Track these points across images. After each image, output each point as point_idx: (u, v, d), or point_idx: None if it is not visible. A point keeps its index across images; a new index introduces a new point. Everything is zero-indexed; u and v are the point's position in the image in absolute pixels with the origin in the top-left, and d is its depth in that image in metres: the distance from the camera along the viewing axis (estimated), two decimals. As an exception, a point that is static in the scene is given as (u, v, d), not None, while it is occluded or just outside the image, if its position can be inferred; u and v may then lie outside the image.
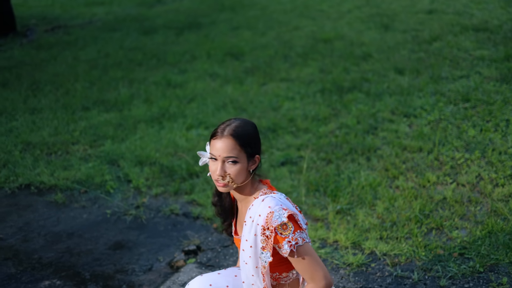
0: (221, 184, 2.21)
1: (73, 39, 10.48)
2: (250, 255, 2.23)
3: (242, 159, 2.20)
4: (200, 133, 5.56)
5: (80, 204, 4.47)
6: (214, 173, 2.21)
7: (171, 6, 13.47)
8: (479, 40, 7.93)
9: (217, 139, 2.19)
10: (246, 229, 2.24)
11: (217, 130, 2.22)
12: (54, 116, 6.30)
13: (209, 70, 7.76)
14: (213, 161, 2.20)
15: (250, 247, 2.21)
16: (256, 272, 2.26)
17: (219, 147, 2.18)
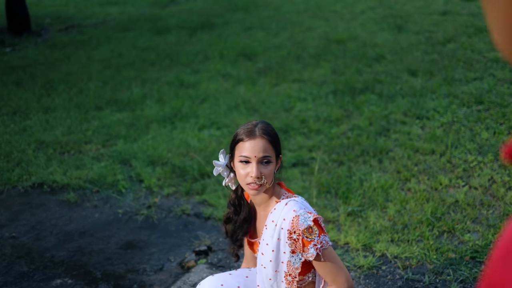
0: (256, 187, 2.16)
1: (86, 39, 10.54)
2: (270, 259, 2.23)
3: (273, 159, 2.20)
4: (212, 133, 5.57)
5: (92, 203, 4.49)
6: (247, 177, 2.15)
7: (185, 6, 13.51)
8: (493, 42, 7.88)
9: (250, 140, 2.15)
10: (267, 233, 2.23)
11: (247, 132, 2.17)
12: (67, 115, 6.34)
13: (222, 70, 7.77)
14: (244, 164, 2.15)
15: (272, 251, 2.21)
16: (274, 276, 2.26)
17: (254, 147, 2.14)
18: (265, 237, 2.24)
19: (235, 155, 2.19)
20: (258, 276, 2.33)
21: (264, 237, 2.24)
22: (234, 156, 2.20)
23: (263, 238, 2.25)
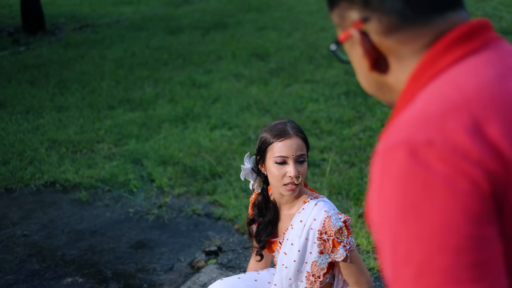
0: (293, 187, 2.15)
1: (100, 38, 10.59)
2: (295, 259, 2.22)
3: (307, 157, 2.19)
4: (223, 133, 5.57)
5: (104, 202, 4.51)
6: (284, 177, 2.14)
7: (198, 6, 13.54)
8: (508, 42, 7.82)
9: (286, 139, 2.13)
10: (293, 233, 2.22)
11: (280, 132, 2.15)
12: (80, 114, 6.37)
13: (234, 70, 7.78)
14: (280, 165, 2.13)
15: (298, 251, 2.20)
16: (295, 276, 2.25)
17: (291, 147, 2.12)
18: (290, 237, 2.22)
19: (268, 157, 2.16)
20: (277, 276, 2.32)
21: (289, 236, 2.23)
22: (266, 158, 2.18)
23: (287, 238, 2.24)
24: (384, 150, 0.83)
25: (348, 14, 0.96)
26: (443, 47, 0.90)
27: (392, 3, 0.90)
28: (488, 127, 0.78)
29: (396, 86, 0.97)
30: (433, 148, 0.78)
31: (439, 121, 0.80)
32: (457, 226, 0.75)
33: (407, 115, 0.85)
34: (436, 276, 0.76)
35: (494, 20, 9.22)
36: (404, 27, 0.92)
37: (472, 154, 0.77)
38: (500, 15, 9.56)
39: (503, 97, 0.83)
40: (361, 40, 0.95)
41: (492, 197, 0.76)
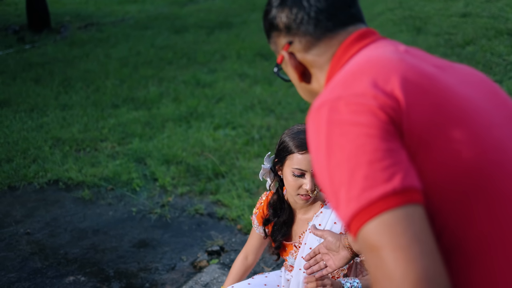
0: (307, 198, 2.17)
1: (105, 37, 10.60)
2: None
3: None
4: (227, 133, 5.56)
5: (107, 201, 4.51)
6: (299, 188, 2.15)
7: (203, 5, 13.54)
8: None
9: (308, 153, 2.12)
10: (311, 237, 2.22)
11: (302, 144, 2.14)
12: (84, 113, 6.37)
13: (239, 70, 7.77)
14: (297, 177, 2.14)
15: None
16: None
17: (311, 161, 2.08)
18: (309, 241, 2.22)
19: (286, 165, 2.17)
20: (293, 281, 2.30)
21: (307, 241, 2.23)
22: (284, 165, 2.18)
23: (305, 242, 2.23)
24: (312, 112, 1.07)
25: (279, 40, 1.29)
26: (343, 49, 1.21)
27: (305, 27, 1.23)
28: (378, 79, 1.03)
29: (319, 91, 1.28)
30: (341, 99, 1.02)
31: (344, 82, 1.06)
32: (365, 146, 0.96)
33: (325, 88, 1.12)
34: (359, 186, 0.95)
35: (500, 22, 9.18)
36: (318, 44, 1.23)
37: (369, 94, 1.00)
38: (506, 16, 9.51)
39: (386, 60, 1.08)
40: (290, 58, 1.27)
41: (391, 123, 0.99)
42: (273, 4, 1.28)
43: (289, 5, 1.24)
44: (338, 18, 1.23)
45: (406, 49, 1.17)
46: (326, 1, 1.22)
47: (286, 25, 1.25)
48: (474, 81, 1.17)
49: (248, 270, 2.58)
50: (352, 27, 1.24)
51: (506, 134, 1.09)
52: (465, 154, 1.01)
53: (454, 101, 1.05)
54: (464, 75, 1.16)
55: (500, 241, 1.02)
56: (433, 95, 1.03)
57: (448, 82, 1.08)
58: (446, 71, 1.13)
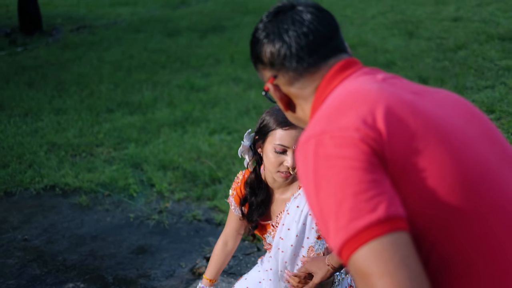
0: (287, 175, 2.13)
1: (98, 40, 10.59)
2: (292, 243, 2.23)
3: None
4: (223, 138, 5.59)
5: (104, 207, 4.52)
6: (280, 165, 2.11)
7: (195, 8, 13.54)
8: (505, 49, 7.87)
9: (291, 129, 2.08)
10: (289, 218, 2.22)
11: (284, 120, 2.08)
12: (78, 117, 6.37)
13: (233, 74, 7.80)
14: (279, 154, 2.09)
15: (296, 236, 2.21)
16: (291, 260, 2.27)
17: (294, 137, 2.08)
18: (287, 222, 2.23)
19: (268, 141, 2.12)
20: (272, 260, 2.32)
21: (285, 222, 2.23)
22: (265, 142, 2.14)
23: (283, 223, 2.24)
24: (300, 145, 1.14)
25: (264, 72, 1.35)
26: (326, 81, 1.27)
27: (288, 63, 1.28)
28: (360, 111, 1.09)
29: (304, 118, 1.35)
30: (326, 133, 1.08)
31: (327, 117, 1.12)
32: (350, 178, 1.02)
33: (311, 122, 1.18)
34: (346, 217, 1.00)
35: (491, 26, 9.26)
36: (301, 78, 1.29)
37: (351, 128, 1.06)
38: (497, 21, 9.60)
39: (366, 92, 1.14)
40: (274, 90, 1.34)
41: (374, 154, 1.04)
42: (259, 36, 1.33)
43: (272, 39, 1.29)
44: (319, 53, 1.28)
45: (384, 77, 1.24)
46: (306, 38, 1.27)
47: (270, 60, 1.30)
48: (450, 103, 1.22)
49: (229, 256, 2.55)
50: (334, 59, 1.29)
51: (483, 151, 1.15)
52: (444, 178, 1.07)
53: (432, 126, 1.11)
54: (440, 98, 1.22)
55: (485, 258, 1.08)
56: (413, 123, 1.09)
57: (426, 107, 1.14)
58: (423, 97, 1.19)
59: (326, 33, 1.29)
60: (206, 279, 2.54)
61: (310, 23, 1.28)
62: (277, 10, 1.33)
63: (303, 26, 1.27)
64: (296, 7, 1.31)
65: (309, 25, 1.28)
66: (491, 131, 1.22)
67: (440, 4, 11.60)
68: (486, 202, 1.10)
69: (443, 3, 11.64)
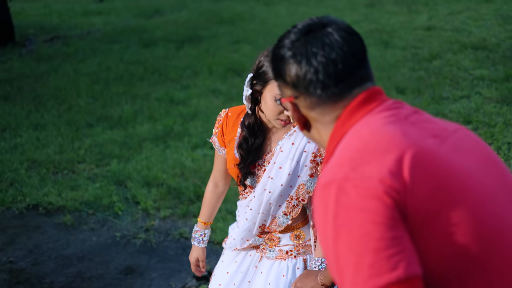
0: (287, 123, 2.10)
1: (72, 51, 10.49)
2: (282, 183, 2.19)
3: None
4: (205, 153, 5.60)
5: (89, 226, 4.49)
6: (280, 114, 2.07)
7: (170, 17, 13.51)
8: (478, 59, 8.03)
9: None
10: (282, 156, 2.19)
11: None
12: (58, 132, 6.32)
13: (211, 86, 7.81)
14: (278, 103, 2.03)
15: (288, 174, 2.18)
16: (276, 201, 2.23)
17: None
18: (279, 160, 2.19)
19: (267, 89, 2.08)
20: (255, 202, 2.26)
21: (277, 160, 2.20)
22: (265, 89, 2.09)
23: (274, 162, 2.20)
24: (319, 189, 1.13)
25: (284, 89, 1.31)
26: (348, 112, 1.24)
27: (312, 89, 1.24)
28: (385, 159, 1.09)
29: (319, 140, 1.34)
30: (348, 180, 1.08)
31: (350, 162, 1.11)
32: (371, 233, 1.03)
33: (331, 162, 1.17)
34: (366, 272, 1.02)
35: (464, 35, 9.45)
36: (322, 105, 1.26)
37: (376, 178, 1.06)
38: (469, 30, 9.79)
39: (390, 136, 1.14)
40: (293, 110, 1.31)
41: (396, 208, 1.05)
42: (284, 54, 1.28)
43: (299, 60, 1.24)
44: (346, 82, 1.24)
45: (407, 115, 1.23)
46: (335, 66, 1.22)
47: (294, 81, 1.26)
48: (469, 147, 1.23)
49: (221, 197, 2.54)
50: (359, 88, 1.25)
51: (499, 204, 1.17)
52: (463, 234, 1.09)
53: (453, 180, 1.12)
54: (459, 140, 1.23)
55: None
56: (436, 176, 1.10)
57: (447, 156, 1.16)
58: (444, 141, 1.19)
59: (355, 61, 1.24)
60: (201, 222, 2.54)
61: (340, 49, 1.23)
62: (307, 29, 1.26)
63: (332, 51, 1.22)
64: (327, 28, 1.25)
65: (339, 51, 1.22)
66: (505, 177, 1.24)
67: (413, 13, 11.79)
68: (503, 259, 1.13)
69: (415, 12, 11.84)
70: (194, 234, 2.57)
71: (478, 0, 12.38)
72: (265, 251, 2.38)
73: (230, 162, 2.30)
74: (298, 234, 2.36)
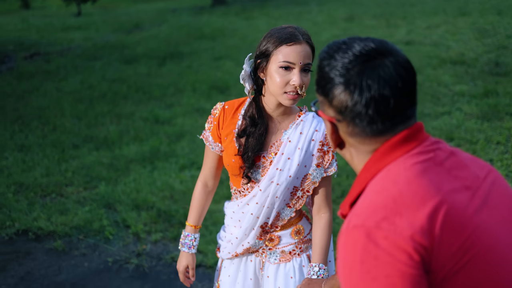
0: (295, 96, 2.04)
1: (53, 68, 10.46)
2: (291, 174, 2.16)
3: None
4: (193, 174, 5.63)
5: (80, 251, 4.50)
6: (286, 85, 2.03)
7: (150, 33, 13.54)
8: (458, 74, 8.19)
9: (296, 44, 2.00)
10: (290, 146, 2.16)
11: (289, 35, 2.02)
12: (43, 154, 6.30)
13: (196, 104, 7.85)
14: (284, 71, 2.01)
15: (297, 165, 2.15)
16: (283, 194, 2.20)
17: (300, 53, 2.00)
18: (287, 150, 2.16)
19: (272, 61, 2.03)
20: (260, 196, 2.21)
21: (285, 151, 2.16)
22: (269, 63, 2.04)
23: (282, 152, 2.16)
24: (348, 230, 1.15)
25: (327, 108, 1.30)
26: (387, 148, 1.24)
27: (359, 121, 1.23)
28: (418, 214, 1.11)
29: (350, 162, 1.34)
30: (380, 230, 1.10)
31: (383, 210, 1.12)
32: (397, 286, 1.07)
33: (362, 203, 1.18)
34: None
35: (442, 49, 9.62)
36: (363, 136, 1.26)
37: (407, 234, 1.09)
38: (447, 44, 9.97)
39: (426, 187, 1.16)
40: (331, 131, 1.31)
41: (422, 265, 1.09)
42: (334, 77, 1.25)
43: (352, 90, 1.21)
44: (393, 121, 1.22)
45: (444, 159, 1.24)
46: (387, 104, 1.20)
47: (340, 108, 1.24)
48: (498, 199, 1.26)
49: (210, 197, 2.47)
50: (402, 125, 1.24)
51: None
52: None
53: (477, 242, 1.15)
54: (489, 191, 1.25)
55: None
56: (461, 236, 1.13)
57: (475, 215, 1.18)
58: (475, 194, 1.22)
59: (407, 101, 1.22)
60: (190, 225, 2.43)
61: (395, 86, 1.20)
62: (365, 57, 1.22)
63: (387, 86, 1.19)
64: (385, 59, 1.22)
65: (393, 88, 1.20)
66: None
67: (392, 27, 11.97)
68: None
69: (394, 26, 12.02)
70: (183, 239, 2.43)
71: (455, 13, 12.61)
72: (266, 255, 2.33)
73: (230, 155, 2.21)
74: (298, 229, 2.32)
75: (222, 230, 2.47)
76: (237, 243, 2.33)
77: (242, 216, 2.30)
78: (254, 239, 2.29)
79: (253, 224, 2.27)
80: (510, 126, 6.13)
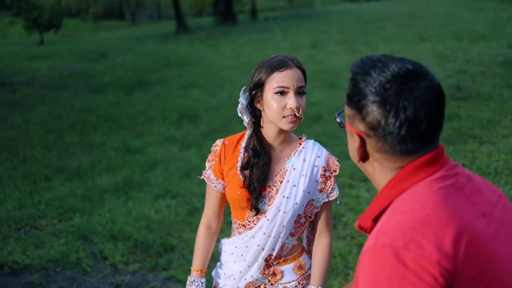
0: (294, 119, 2.08)
1: (20, 98, 10.41)
2: (297, 201, 2.19)
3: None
4: (168, 203, 5.68)
5: (58, 284, 4.48)
6: (284, 109, 2.08)
7: (116, 61, 13.57)
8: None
9: (287, 69, 2.08)
10: (295, 173, 2.20)
11: (280, 62, 2.10)
12: (15, 186, 6.27)
13: (166, 133, 7.91)
14: (280, 96, 2.07)
15: (303, 191, 2.19)
16: (290, 222, 2.22)
17: (292, 77, 2.08)
18: (292, 178, 2.19)
19: (266, 89, 2.10)
20: (267, 226, 2.22)
21: (290, 178, 2.19)
22: (264, 91, 2.11)
23: (288, 180, 2.19)
24: (375, 248, 1.19)
25: (357, 122, 1.33)
26: (412, 168, 1.29)
27: (390, 139, 1.27)
28: (444, 239, 1.17)
29: (371, 176, 1.38)
30: (408, 251, 1.15)
31: (411, 232, 1.17)
32: None
33: (390, 222, 1.23)
34: None
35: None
36: (391, 154, 1.30)
37: (434, 258, 1.14)
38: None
39: (450, 213, 1.21)
40: (359, 145, 1.34)
41: (445, 287, 1.14)
42: (369, 94, 1.28)
43: (388, 110, 1.25)
44: (422, 142, 1.26)
45: (463, 185, 1.30)
46: (419, 126, 1.24)
47: (372, 124, 1.28)
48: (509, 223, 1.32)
49: (214, 238, 2.43)
50: (429, 147, 1.29)
51: None
52: None
53: (493, 267, 1.22)
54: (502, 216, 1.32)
55: None
56: (480, 262, 1.20)
57: (492, 241, 1.24)
58: (490, 220, 1.28)
59: (437, 124, 1.27)
60: (196, 270, 2.38)
61: (428, 109, 1.24)
62: (403, 79, 1.25)
63: (421, 109, 1.23)
64: (421, 82, 1.25)
65: (427, 111, 1.24)
66: None
67: (355, 52, 12.26)
68: None
69: (357, 52, 12.31)
70: (190, 285, 2.35)
71: (415, 39, 12.99)
72: None
73: (235, 188, 2.22)
74: (300, 264, 2.35)
75: (218, 268, 2.45)
76: (239, 277, 2.32)
77: (245, 250, 2.29)
78: (258, 273, 2.29)
79: (258, 256, 2.27)
80: (473, 149, 6.35)
